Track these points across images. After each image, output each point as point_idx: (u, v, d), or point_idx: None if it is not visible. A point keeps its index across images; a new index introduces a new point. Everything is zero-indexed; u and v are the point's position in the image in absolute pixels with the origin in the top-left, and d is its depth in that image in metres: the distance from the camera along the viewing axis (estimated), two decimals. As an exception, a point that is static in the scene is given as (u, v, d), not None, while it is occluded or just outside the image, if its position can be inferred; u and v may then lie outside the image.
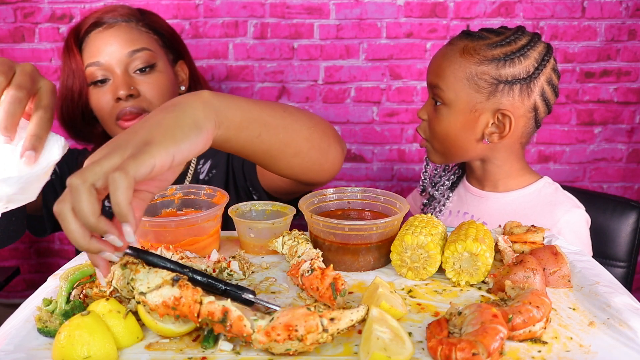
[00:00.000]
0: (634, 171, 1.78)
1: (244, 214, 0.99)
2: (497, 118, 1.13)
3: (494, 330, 0.61)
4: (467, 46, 1.13)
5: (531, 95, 1.12)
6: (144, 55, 1.20)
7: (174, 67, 1.31)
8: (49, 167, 0.69)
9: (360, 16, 1.70)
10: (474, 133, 1.15)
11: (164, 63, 1.25)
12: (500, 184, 1.22)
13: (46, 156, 0.69)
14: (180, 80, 1.32)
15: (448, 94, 1.14)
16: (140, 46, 1.19)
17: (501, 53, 1.10)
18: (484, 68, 1.10)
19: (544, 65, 1.11)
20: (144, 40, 1.21)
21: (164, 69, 1.24)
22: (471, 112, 1.13)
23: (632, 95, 1.72)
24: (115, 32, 1.19)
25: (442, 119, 1.16)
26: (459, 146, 1.17)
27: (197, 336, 0.67)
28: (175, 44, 1.31)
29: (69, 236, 0.59)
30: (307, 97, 1.77)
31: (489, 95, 1.11)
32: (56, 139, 0.71)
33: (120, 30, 1.19)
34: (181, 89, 1.33)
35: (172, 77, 1.27)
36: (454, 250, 0.81)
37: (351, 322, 0.63)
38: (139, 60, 1.19)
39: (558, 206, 1.15)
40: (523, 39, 1.12)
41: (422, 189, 1.35)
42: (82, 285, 0.73)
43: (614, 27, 1.67)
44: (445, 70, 1.14)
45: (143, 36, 1.21)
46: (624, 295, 0.74)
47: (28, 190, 0.68)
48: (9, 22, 1.74)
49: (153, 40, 1.24)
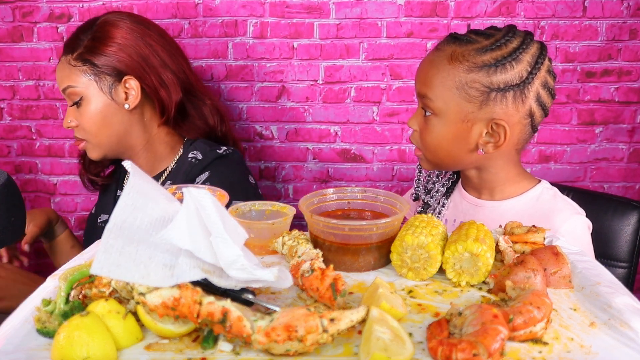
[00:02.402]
0: (635, 171, 1.78)
1: (244, 214, 0.99)
2: (490, 128, 1.07)
3: (495, 330, 0.61)
4: (455, 52, 1.07)
5: (526, 102, 1.06)
6: (69, 93, 1.34)
7: (116, 88, 1.34)
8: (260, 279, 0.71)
9: (361, 15, 1.70)
10: (467, 143, 1.10)
11: (92, 93, 1.33)
12: (497, 192, 1.18)
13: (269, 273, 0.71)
14: (123, 99, 1.35)
15: (437, 104, 1.08)
16: (66, 85, 1.34)
17: (491, 58, 1.04)
18: (474, 76, 1.04)
19: (537, 69, 1.04)
20: (70, 77, 1.33)
21: (94, 99, 1.34)
22: (463, 122, 1.08)
23: (633, 94, 1.72)
24: (57, 69, 1.37)
25: (433, 129, 1.11)
26: (452, 157, 1.13)
27: (197, 337, 0.67)
28: (115, 63, 1.32)
29: None
30: (307, 97, 1.77)
31: (480, 105, 1.05)
32: (286, 276, 0.73)
33: (59, 67, 1.36)
34: (125, 107, 1.35)
35: (105, 104, 1.34)
36: (454, 251, 0.80)
37: (351, 323, 0.63)
38: (67, 97, 1.35)
39: (557, 214, 1.11)
40: (514, 41, 1.05)
41: (416, 196, 1.32)
42: (81, 285, 0.73)
43: (615, 27, 1.66)
44: (433, 78, 1.08)
45: (72, 72, 1.33)
46: (625, 296, 0.73)
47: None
48: (7, 21, 1.74)
49: (80, 72, 1.33)
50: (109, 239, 0.65)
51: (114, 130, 1.36)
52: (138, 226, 0.69)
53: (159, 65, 1.36)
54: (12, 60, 1.78)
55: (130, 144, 1.40)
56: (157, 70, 1.36)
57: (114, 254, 0.64)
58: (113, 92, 1.34)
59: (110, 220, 0.67)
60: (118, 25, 1.34)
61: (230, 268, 0.69)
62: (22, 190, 1.80)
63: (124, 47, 1.33)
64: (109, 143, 1.37)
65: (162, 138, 1.44)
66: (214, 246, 0.70)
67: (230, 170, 1.41)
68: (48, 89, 1.80)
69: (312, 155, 1.82)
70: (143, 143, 1.41)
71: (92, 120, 1.34)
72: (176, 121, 1.42)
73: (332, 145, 1.81)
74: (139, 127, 1.39)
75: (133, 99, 1.35)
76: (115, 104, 1.35)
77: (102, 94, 1.33)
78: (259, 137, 1.81)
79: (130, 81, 1.34)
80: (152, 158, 1.44)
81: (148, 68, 1.35)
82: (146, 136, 1.41)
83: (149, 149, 1.42)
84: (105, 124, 1.34)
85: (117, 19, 1.35)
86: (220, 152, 1.41)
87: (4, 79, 1.80)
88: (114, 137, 1.37)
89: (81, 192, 1.89)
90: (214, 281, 0.69)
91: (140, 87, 1.34)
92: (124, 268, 0.64)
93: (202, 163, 1.38)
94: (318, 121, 1.79)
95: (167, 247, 0.69)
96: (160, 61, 1.37)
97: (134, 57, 1.33)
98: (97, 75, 1.32)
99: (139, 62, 1.34)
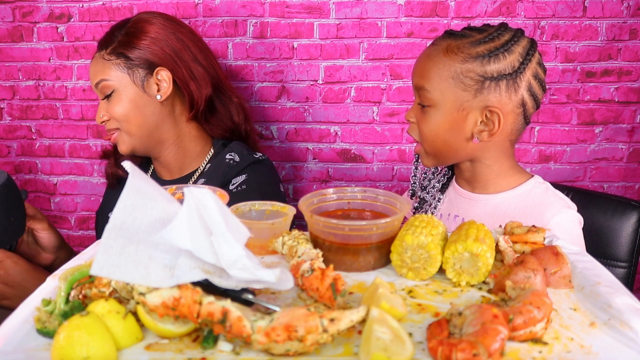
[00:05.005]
0: (635, 171, 1.78)
1: (243, 214, 0.99)
2: (485, 116, 1.12)
3: (495, 330, 0.61)
4: (450, 45, 1.12)
5: (518, 91, 1.11)
6: (102, 87, 1.36)
7: (148, 81, 1.36)
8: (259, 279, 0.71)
9: (361, 15, 1.70)
10: (463, 132, 1.14)
11: (124, 85, 1.36)
12: (490, 185, 1.21)
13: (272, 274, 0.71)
14: (156, 91, 1.37)
15: (434, 95, 1.13)
16: (99, 78, 1.36)
17: (485, 50, 1.09)
18: (468, 66, 1.10)
19: (529, 60, 1.11)
20: (103, 71, 1.36)
21: (125, 91, 1.36)
22: (458, 111, 1.13)
23: (633, 94, 1.72)
24: (91, 65, 1.41)
25: (430, 120, 1.15)
26: (449, 147, 1.16)
27: (197, 337, 0.67)
28: (149, 55, 1.36)
29: None
30: (307, 97, 1.77)
31: (475, 93, 1.11)
32: (288, 278, 0.73)
33: (93, 62, 1.40)
34: (157, 98, 1.37)
35: (136, 95, 1.37)
36: (454, 251, 0.80)
37: (351, 323, 0.63)
38: (100, 91, 1.38)
39: (548, 207, 1.14)
40: (506, 34, 1.11)
41: (412, 192, 1.34)
42: (81, 285, 0.73)
43: (615, 27, 1.66)
44: (430, 71, 1.13)
45: (105, 66, 1.36)
46: (625, 296, 0.73)
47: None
48: (7, 21, 1.74)
49: (113, 66, 1.35)
50: (109, 239, 0.65)
51: (145, 121, 1.38)
52: (138, 227, 0.69)
53: (190, 60, 1.40)
54: (12, 60, 1.78)
55: (161, 138, 1.42)
56: (189, 64, 1.40)
57: (113, 255, 0.64)
58: (145, 84, 1.36)
59: (110, 220, 0.67)
60: (151, 21, 1.38)
61: (231, 268, 0.69)
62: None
63: (156, 41, 1.36)
64: (139, 134, 1.38)
65: (192, 134, 1.46)
66: (216, 245, 0.70)
67: (265, 176, 1.44)
68: (48, 89, 1.80)
69: (312, 155, 1.82)
70: (173, 138, 1.43)
71: (124, 110, 1.36)
72: (204, 117, 1.45)
73: (332, 145, 1.81)
74: (170, 120, 1.41)
75: (165, 90, 1.37)
76: (147, 95, 1.37)
77: (135, 86, 1.36)
78: (259, 137, 1.81)
79: (162, 72, 1.37)
80: (182, 155, 1.46)
81: (180, 61, 1.39)
82: (176, 131, 1.43)
83: (179, 144, 1.45)
84: (137, 114, 1.37)
85: (150, 17, 1.40)
86: (257, 157, 1.44)
87: (4, 79, 1.80)
88: (144, 129, 1.38)
89: (81, 192, 1.89)
90: (214, 281, 0.69)
91: (172, 79, 1.38)
92: (124, 269, 0.64)
93: (240, 165, 1.40)
94: (318, 121, 1.79)
95: (167, 248, 0.69)
96: (191, 55, 1.41)
97: (166, 49, 1.37)
98: (130, 68, 1.35)
99: (171, 54, 1.37)
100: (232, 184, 1.38)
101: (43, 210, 1.91)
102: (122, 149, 1.40)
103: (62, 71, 1.78)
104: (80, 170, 1.87)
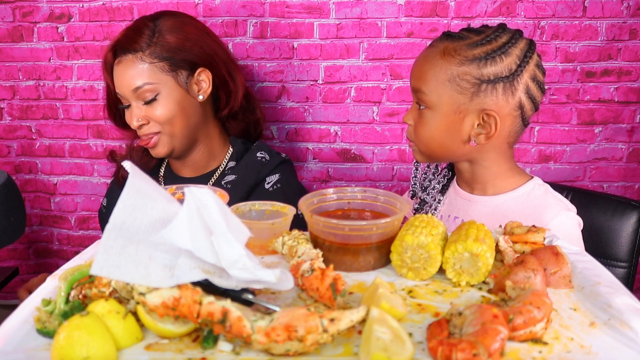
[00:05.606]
0: (634, 171, 1.78)
1: (243, 214, 0.99)
2: (482, 119, 1.11)
3: (495, 330, 0.61)
4: (447, 47, 1.11)
5: (515, 93, 1.10)
6: (145, 91, 1.32)
7: (190, 82, 1.37)
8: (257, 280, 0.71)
9: (361, 15, 1.70)
10: (460, 135, 1.13)
11: (170, 87, 1.34)
12: (489, 186, 1.20)
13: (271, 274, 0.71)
14: (197, 91, 1.38)
15: (431, 97, 1.12)
16: (142, 82, 1.31)
17: (482, 52, 1.08)
18: (465, 68, 1.09)
19: (526, 62, 1.09)
20: (146, 75, 1.32)
21: (169, 93, 1.34)
22: (455, 114, 1.12)
23: (633, 94, 1.72)
24: (123, 68, 1.33)
25: (427, 122, 1.14)
26: (444, 148, 1.16)
27: (197, 337, 0.67)
28: (192, 56, 1.36)
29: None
30: (307, 97, 1.77)
31: (472, 96, 1.10)
32: (288, 278, 0.73)
33: (127, 65, 1.32)
34: (199, 98, 1.38)
35: (181, 97, 1.36)
36: (454, 251, 0.80)
37: (351, 323, 0.63)
38: (141, 95, 1.33)
39: (547, 209, 1.13)
40: (504, 36, 1.10)
41: (413, 193, 1.34)
42: (81, 285, 0.73)
43: (615, 27, 1.66)
44: (427, 73, 1.13)
45: (145, 69, 1.32)
46: (625, 296, 0.73)
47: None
48: (7, 21, 1.74)
49: (157, 69, 1.33)
50: (109, 239, 0.65)
51: (188, 122, 1.38)
52: (138, 227, 0.69)
53: (225, 59, 1.42)
54: (12, 60, 1.78)
55: (196, 138, 1.43)
56: (226, 64, 1.42)
57: (113, 255, 0.64)
58: (188, 85, 1.37)
59: (110, 220, 0.67)
60: (185, 22, 1.39)
61: (231, 267, 0.69)
62: (22, 190, 1.81)
63: (196, 42, 1.37)
64: (181, 135, 1.38)
65: (217, 133, 1.48)
66: (216, 245, 0.70)
67: (293, 176, 1.49)
68: (48, 89, 1.80)
69: (312, 155, 1.82)
70: (203, 138, 1.45)
71: (170, 113, 1.34)
72: (232, 116, 1.47)
73: (332, 145, 1.81)
74: (205, 120, 1.43)
75: (205, 90, 1.39)
76: (190, 96, 1.38)
77: (179, 88, 1.36)
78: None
79: (203, 73, 1.38)
80: (207, 154, 1.47)
81: (218, 60, 1.40)
82: (207, 131, 1.45)
83: (207, 144, 1.46)
84: (182, 116, 1.36)
85: (180, 17, 1.40)
86: (283, 157, 1.47)
87: (4, 79, 1.80)
88: (186, 130, 1.38)
89: (81, 192, 1.89)
90: (214, 281, 0.69)
91: (211, 79, 1.39)
92: (124, 269, 0.64)
93: (271, 164, 1.42)
94: (318, 121, 1.79)
95: (167, 248, 0.69)
96: (225, 55, 1.43)
97: (205, 50, 1.38)
98: (174, 70, 1.35)
99: (210, 54, 1.39)
100: (267, 182, 1.41)
101: (43, 210, 1.91)
102: (161, 151, 1.39)
103: (62, 71, 1.78)
104: (80, 170, 1.87)
